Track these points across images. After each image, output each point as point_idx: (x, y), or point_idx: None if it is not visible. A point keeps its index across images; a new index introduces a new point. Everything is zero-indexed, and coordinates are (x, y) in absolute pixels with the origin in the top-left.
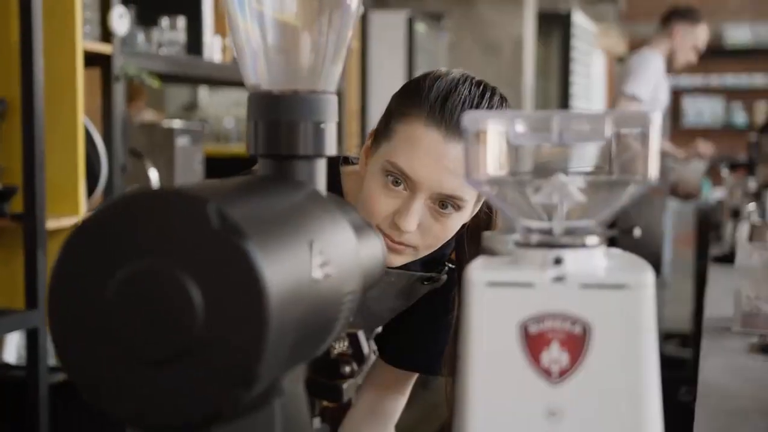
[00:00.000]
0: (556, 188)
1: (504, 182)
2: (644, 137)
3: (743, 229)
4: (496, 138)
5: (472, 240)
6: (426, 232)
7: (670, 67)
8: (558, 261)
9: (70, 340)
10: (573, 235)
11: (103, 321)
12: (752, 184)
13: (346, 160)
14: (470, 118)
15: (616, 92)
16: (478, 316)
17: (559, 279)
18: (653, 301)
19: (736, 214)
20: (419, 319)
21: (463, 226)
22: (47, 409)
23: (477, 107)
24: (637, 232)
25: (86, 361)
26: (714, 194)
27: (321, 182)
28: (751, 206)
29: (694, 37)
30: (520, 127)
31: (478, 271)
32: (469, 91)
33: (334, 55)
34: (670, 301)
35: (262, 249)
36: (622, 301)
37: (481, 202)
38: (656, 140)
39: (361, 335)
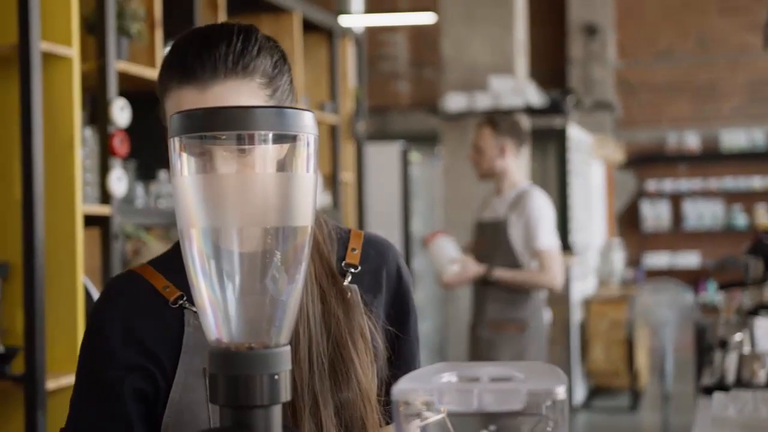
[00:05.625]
0: None
1: None
2: (554, 409)
3: (731, 362)
4: (422, 406)
5: None
6: None
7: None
8: None
9: None
10: None
11: None
12: (747, 300)
13: None
14: (399, 389)
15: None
16: None
17: None
18: None
19: (723, 344)
20: None
21: None
22: None
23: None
24: None
25: None
26: (718, 297)
27: (276, 427)
28: (738, 336)
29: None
30: (445, 398)
31: None
32: (201, 32)
33: (286, 308)
34: (677, 411)
35: None
36: None
37: None
38: (566, 411)
39: None
